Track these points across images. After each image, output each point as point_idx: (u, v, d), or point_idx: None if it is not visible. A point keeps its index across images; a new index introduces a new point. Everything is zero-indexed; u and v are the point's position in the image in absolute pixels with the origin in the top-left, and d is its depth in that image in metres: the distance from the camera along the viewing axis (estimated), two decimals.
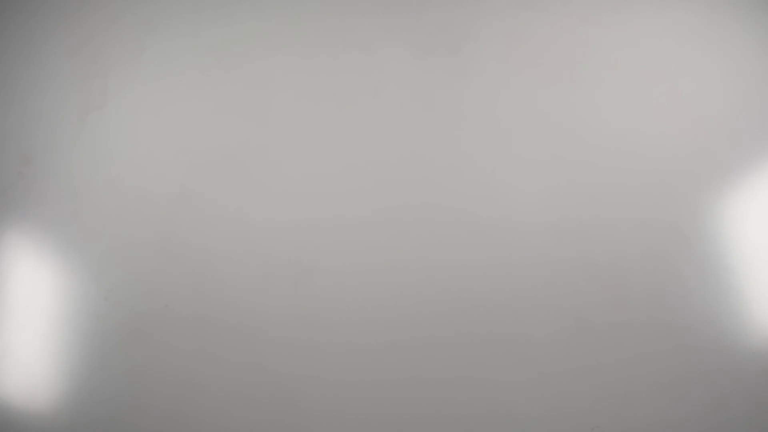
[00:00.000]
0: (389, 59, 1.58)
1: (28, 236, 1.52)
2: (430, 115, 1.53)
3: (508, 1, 1.61)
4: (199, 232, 1.48)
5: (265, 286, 1.43)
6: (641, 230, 1.42)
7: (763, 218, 1.43)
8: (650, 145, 1.48)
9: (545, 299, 1.39)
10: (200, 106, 1.58)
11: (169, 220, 1.50)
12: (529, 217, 1.44)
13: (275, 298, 1.43)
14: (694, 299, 1.38)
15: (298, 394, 1.37)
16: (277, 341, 1.40)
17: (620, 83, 1.53)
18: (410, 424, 1.34)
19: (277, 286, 1.43)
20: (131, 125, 1.58)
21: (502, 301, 1.39)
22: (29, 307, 1.46)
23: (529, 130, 1.51)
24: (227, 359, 1.39)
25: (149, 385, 1.39)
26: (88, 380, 1.40)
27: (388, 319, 1.40)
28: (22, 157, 1.57)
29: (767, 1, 1.57)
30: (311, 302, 1.42)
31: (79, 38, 1.65)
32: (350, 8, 1.63)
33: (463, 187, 1.48)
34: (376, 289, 1.41)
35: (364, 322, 1.40)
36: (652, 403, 1.32)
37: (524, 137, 1.50)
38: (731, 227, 1.42)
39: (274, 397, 1.37)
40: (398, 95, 1.55)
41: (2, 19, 1.69)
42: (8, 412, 1.40)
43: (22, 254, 1.52)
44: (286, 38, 1.62)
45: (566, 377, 1.34)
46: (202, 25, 1.64)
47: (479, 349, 1.37)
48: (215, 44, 1.62)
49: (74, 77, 1.62)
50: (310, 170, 1.51)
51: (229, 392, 1.37)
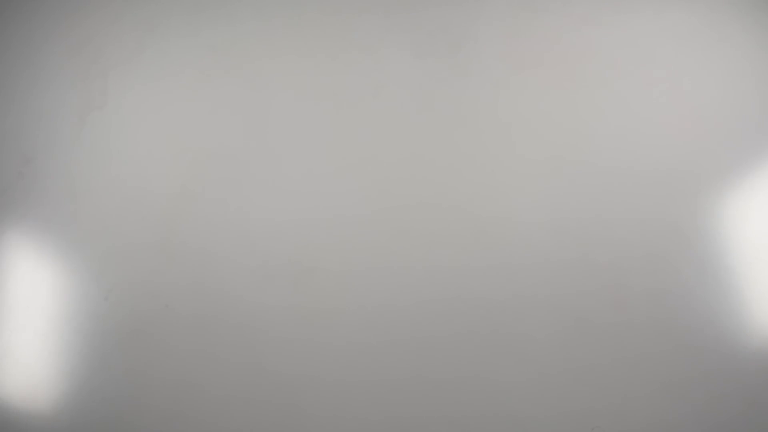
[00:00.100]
0: (389, 59, 1.58)
1: (28, 236, 1.52)
2: (430, 115, 1.53)
3: (508, 1, 1.61)
4: (199, 232, 1.48)
5: (265, 286, 1.43)
6: (641, 230, 1.42)
7: (762, 218, 1.43)
8: (650, 145, 1.48)
9: (545, 299, 1.39)
10: (200, 106, 1.58)
11: (169, 220, 1.50)
12: (529, 217, 1.44)
13: (275, 298, 1.43)
14: (694, 299, 1.38)
15: (298, 394, 1.37)
16: (277, 341, 1.40)
17: (620, 83, 1.53)
18: (410, 424, 1.34)
19: (277, 286, 1.43)
20: (131, 125, 1.58)
21: (502, 301, 1.39)
22: (29, 307, 1.46)
23: (529, 130, 1.51)
24: (227, 359, 1.39)
25: (149, 385, 1.39)
26: (88, 380, 1.40)
27: (388, 319, 1.40)
28: (22, 157, 1.57)
29: (767, 1, 1.57)
30: (311, 302, 1.42)
31: (79, 38, 1.65)
32: (350, 8, 1.63)
33: (463, 186, 1.48)
34: (376, 289, 1.41)
35: (364, 322, 1.40)
36: (651, 403, 1.32)
37: (524, 137, 1.50)
38: (731, 227, 1.42)
39: (274, 397, 1.37)
40: (398, 95, 1.55)
41: (2, 19, 1.69)
42: (8, 412, 1.40)
43: (22, 254, 1.51)
44: (286, 38, 1.62)
45: (566, 377, 1.34)
46: (202, 25, 1.64)
47: (479, 349, 1.37)
48: (215, 44, 1.62)
49: (74, 77, 1.62)
50: (310, 170, 1.51)
51: (229, 392, 1.37)
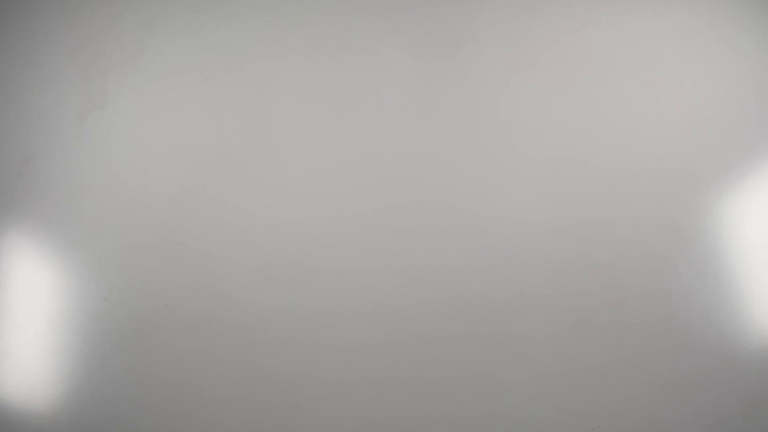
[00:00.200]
0: (389, 59, 1.58)
1: (28, 236, 1.52)
2: (430, 115, 1.53)
3: (508, 1, 1.61)
4: (198, 232, 1.48)
5: (265, 285, 1.43)
6: (641, 230, 1.42)
7: (762, 218, 1.43)
8: (650, 145, 1.48)
9: (545, 299, 1.39)
10: (200, 106, 1.58)
11: (169, 220, 1.49)
12: (529, 216, 1.44)
13: (275, 298, 1.42)
14: (694, 299, 1.37)
15: (298, 393, 1.37)
16: (277, 341, 1.40)
17: (620, 83, 1.53)
18: (410, 423, 1.34)
19: (277, 285, 1.43)
20: (131, 125, 1.58)
21: (502, 300, 1.39)
22: (29, 307, 1.46)
23: (529, 130, 1.51)
24: (227, 359, 1.39)
25: (149, 385, 1.39)
26: (88, 380, 1.40)
27: (388, 318, 1.39)
28: (22, 157, 1.57)
29: (767, 1, 1.57)
30: (311, 302, 1.42)
31: (79, 38, 1.65)
32: (350, 8, 1.63)
33: (463, 186, 1.47)
34: (376, 288, 1.41)
35: (364, 321, 1.40)
36: (652, 402, 1.32)
37: (524, 137, 1.50)
38: (731, 227, 1.42)
39: (274, 396, 1.37)
40: (398, 95, 1.55)
41: (2, 19, 1.69)
42: (8, 412, 1.40)
43: (22, 254, 1.51)
44: (286, 38, 1.62)
45: (566, 377, 1.34)
46: (202, 25, 1.64)
47: (479, 348, 1.37)
48: (215, 44, 1.62)
49: (74, 77, 1.62)
50: (310, 170, 1.51)
51: (229, 392, 1.37)
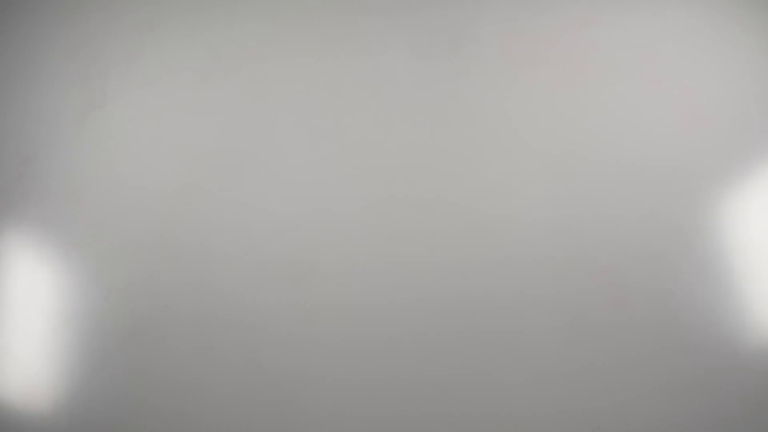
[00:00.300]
0: (389, 59, 1.58)
1: (27, 236, 1.52)
2: (430, 114, 1.53)
3: (508, 1, 1.61)
4: (198, 231, 1.48)
5: (265, 284, 1.43)
6: (642, 230, 1.42)
7: (763, 218, 1.43)
8: (650, 144, 1.48)
9: (546, 298, 1.39)
10: (200, 105, 1.58)
11: (168, 219, 1.49)
12: (530, 216, 1.44)
13: (275, 296, 1.42)
14: (695, 299, 1.37)
15: (298, 392, 1.36)
16: (277, 340, 1.40)
17: (620, 83, 1.53)
18: (410, 422, 1.33)
19: (277, 284, 1.43)
20: (131, 125, 1.58)
21: (502, 299, 1.39)
22: (29, 306, 1.46)
23: (529, 129, 1.51)
24: (227, 358, 1.39)
25: (149, 384, 1.39)
26: (87, 380, 1.40)
27: (388, 317, 1.39)
28: (21, 157, 1.57)
29: (767, 0, 1.57)
30: (311, 301, 1.42)
31: (78, 38, 1.65)
32: (350, 8, 1.63)
33: (463, 185, 1.47)
34: (376, 287, 1.41)
35: (364, 320, 1.40)
36: (652, 402, 1.32)
37: (524, 137, 1.50)
38: (732, 226, 1.42)
39: (274, 395, 1.37)
40: (398, 95, 1.55)
41: (2, 18, 1.69)
42: (8, 412, 1.40)
43: (21, 254, 1.51)
44: (285, 38, 1.62)
45: (567, 376, 1.34)
46: (201, 24, 1.64)
47: (479, 347, 1.37)
48: (215, 44, 1.62)
49: (74, 77, 1.62)
50: (310, 169, 1.51)
51: (229, 391, 1.37)
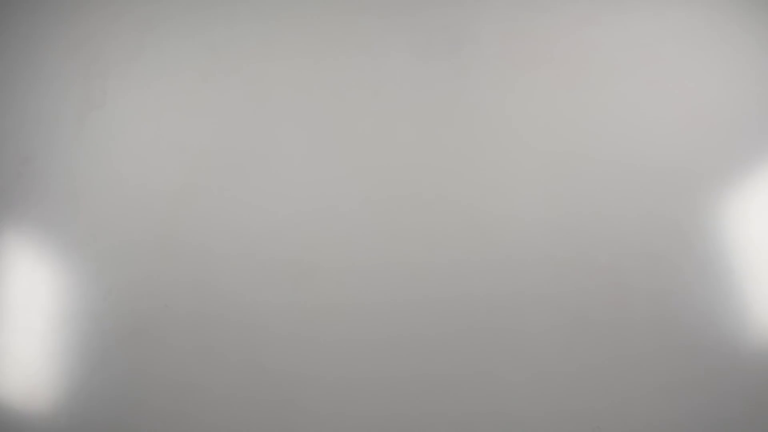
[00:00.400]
0: (389, 59, 1.58)
1: (27, 236, 1.52)
2: (430, 114, 1.53)
3: (508, 1, 1.61)
4: (198, 231, 1.48)
5: (265, 284, 1.43)
6: (642, 229, 1.42)
7: (763, 218, 1.43)
8: (651, 144, 1.48)
9: (546, 297, 1.39)
10: (200, 105, 1.58)
11: (168, 219, 1.49)
12: (530, 215, 1.44)
13: (275, 296, 1.42)
14: (695, 299, 1.37)
15: (298, 392, 1.36)
16: (277, 339, 1.40)
17: (620, 83, 1.53)
18: (410, 421, 1.33)
19: (277, 284, 1.43)
20: (131, 125, 1.58)
21: (503, 299, 1.39)
22: (29, 306, 1.46)
23: (529, 129, 1.51)
24: (227, 358, 1.39)
25: (149, 384, 1.39)
26: (87, 380, 1.40)
27: (388, 316, 1.39)
28: (21, 156, 1.57)
29: (767, 0, 1.57)
30: (311, 300, 1.42)
31: (78, 38, 1.65)
32: (350, 8, 1.63)
33: (463, 185, 1.47)
34: (376, 287, 1.41)
35: (364, 319, 1.40)
36: (652, 402, 1.32)
37: (524, 136, 1.50)
38: (732, 226, 1.42)
39: (274, 395, 1.37)
40: (398, 94, 1.55)
41: (1, 18, 1.69)
42: (8, 412, 1.40)
43: (21, 254, 1.51)
44: (285, 38, 1.62)
45: (567, 376, 1.34)
46: (201, 24, 1.64)
47: (479, 346, 1.37)
48: (215, 44, 1.62)
49: (74, 77, 1.62)
50: (309, 169, 1.51)
51: (229, 391, 1.37)
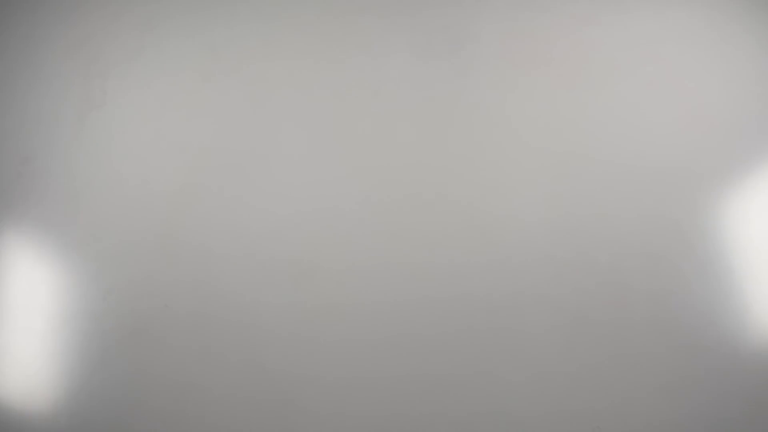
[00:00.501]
0: (389, 59, 1.58)
1: (27, 236, 1.52)
2: (430, 114, 1.53)
3: (508, 1, 1.61)
4: (198, 231, 1.48)
5: (265, 284, 1.43)
6: (642, 230, 1.42)
7: (764, 218, 1.43)
8: (651, 144, 1.48)
9: (546, 297, 1.39)
10: (199, 105, 1.58)
11: (168, 219, 1.49)
12: (530, 215, 1.44)
13: (275, 296, 1.42)
14: (695, 299, 1.37)
15: (298, 392, 1.36)
16: (277, 339, 1.39)
17: (621, 83, 1.53)
18: (410, 421, 1.33)
19: (277, 284, 1.43)
20: (130, 125, 1.58)
21: (503, 299, 1.39)
22: (28, 306, 1.46)
23: (529, 129, 1.51)
24: (227, 358, 1.39)
25: (149, 384, 1.39)
26: (87, 380, 1.40)
27: (388, 317, 1.39)
28: (21, 156, 1.57)
29: (767, 0, 1.57)
30: (311, 300, 1.42)
31: (78, 38, 1.65)
32: (350, 8, 1.63)
33: (463, 185, 1.47)
34: (376, 287, 1.41)
35: (364, 320, 1.39)
36: (652, 402, 1.32)
37: (524, 136, 1.50)
38: (732, 227, 1.42)
39: (274, 395, 1.36)
40: (398, 94, 1.55)
41: (1, 18, 1.69)
42: (8, 412, 1.40)
43: (21, 254, 1.51)
44: (285, 38, 1.62)
45: (566, 376, 1.34)
46: (201, 24, 1.64)
47: (479, 347, 1.37)
48: (215, 44, 1.62)
49: (73, 77, 1.62)
50: (309, 169, 1.51)
51: (229, 391, 1.37)
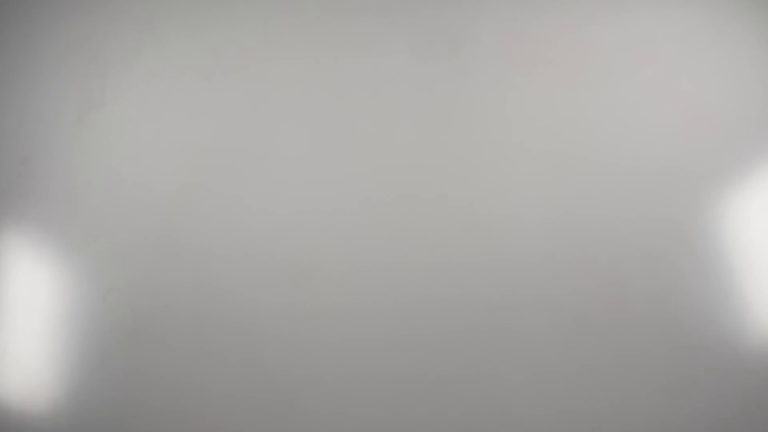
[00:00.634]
0: (389, 59, 1.58)
1: (27, 236, 1.52)
2: (430, 114, 1.53)
3: (508, 1, 1.61)
4: (198, 231, 1.48)
5: (265, 284, 1.43)
6: (642, 230, 1.42)
7: (763, 218, 1.43)
8: (651, 144, 1.48)
9: (546, 298, 1.39)
10: (199, 105, 1.58)
11: (168, 219, 1.49)
12: (530, 215, 1.44)
13: (275, 296, 1.42)
14: (695, 299, 1.37)
15: (298, 392, 1.36)
16: (277, 339, 1.39)
17: (621, 83, 1.53)
18: (410, 421, 1.33)
19: (277, 284, 1.43)
20: (130, 124, 1.58)
21: (503, 299, 1.39)
22: (28, 307, 1.46)
23: (529, 129, 1.51)
24: (227, 358, 1.39)
25: (149, 384, 1.39)
26: (87, 380, 1.40)
27: (388, 317, 1.39)
28: (20, 156, 1.57)
29: (767, 0, 1.57)
30: (311, 300, 1.42)
31: (77, 37, 1.65)
32: (350, 8, 1.63)
33: (463, 185, 1.47)
34: (376, 287, 1.41)
35: (364, 320, 1.39)
36: (652, 403, 1.32)
37: (524, 136, 1.50)
38: (732, 227, 1.42)
39: (274, 395, 1.36)
40: (398, 94, 1.55)
41: (1, 18, 1.69)
42: (8, 412, 1.40)
43: (21, 254, 1.51)
44: (285, 38, 1.62)
45: (566, 376, 1.34)
46: (201, 24, 1.64)
47: (479, 347, 1.37)
48: (214, 43, 1.62)
49: (73, 76, 1.62)
50: (309, 169, 1.51)
51: (229, 391, 1.37)
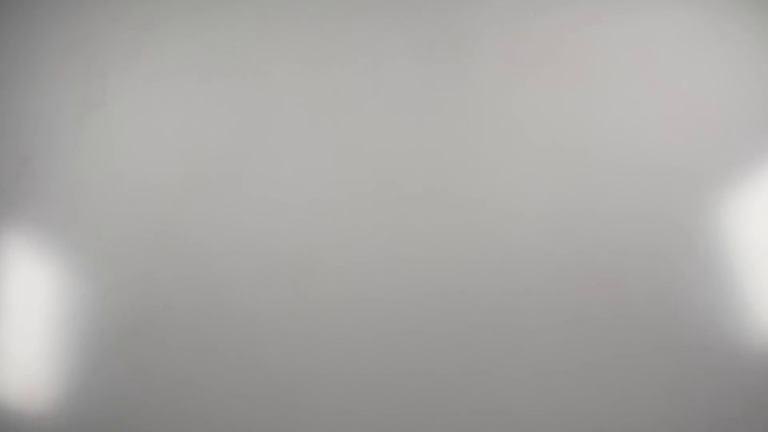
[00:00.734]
0: (389, 59, 1.58)
1: (26, 236, 1.52)
2: (430, 114, 1.53)
3: (509, 1, 1.61)
4: (198, 230, 1.48)
5: (264, 283, 1.43)
6: (643, 229, 1.42)
7: (764, 217, 1.43)
8: (651, 143, 1.48)
9: (546, 296, 1.39)
10: (199, 105, 1.58)
11: (168, 219, 1.49)
12: (530, 214, 1.44)
13: (275, 295, 1.42)
14: (695, 298, 1.37)
15: (297, 391, 1.36)
16: (276, 338, 1.39)
17: (621, 82, 1.53)
18: (409, 420, 1.33)
19: (276, 283, 1.43)
20: (130, 124, 1.57)
21: (503, 298, 1.39)
22: (27, 307, 1.46)
23: (529, 128, 1.51)
24: (227, 358, 1.39)
25: (148, 384, 1.38)
26: (87, 380, 1.39)
27: (387, 315, 1.39)
28: (20, 156, 1.57)
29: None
30: (311, 299, 1.41)
31: (77, 37, 1.65)
32: (350, 8, 1.63)
33: (463, 184, 1.47)
34: (375, 285, 1.41)
35: (363, 318, 1.39)
36: (653, 402, 1.32)
37: (525, 136, 1.50)
38: (733, 226, 1.42)
39: (273, 394, 1.36)
40: (398, 94, 1.55)
41: (0, 18, 1.69)
42: (8, 412, 1.39)
43: (20, 254, 1.51)
44: (285, 38, 1.62)
45: (566, 376, 1.34)
46: (201, 24, 1.64)
47: (479, 345, 1.37)
48: (214, 43, 1.62)
49: (72, 76, 1.62)
50: (309, 168, 1.51)
51: (228, 391, 1.37)
